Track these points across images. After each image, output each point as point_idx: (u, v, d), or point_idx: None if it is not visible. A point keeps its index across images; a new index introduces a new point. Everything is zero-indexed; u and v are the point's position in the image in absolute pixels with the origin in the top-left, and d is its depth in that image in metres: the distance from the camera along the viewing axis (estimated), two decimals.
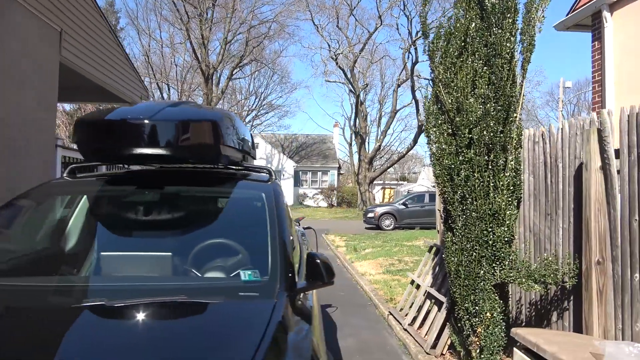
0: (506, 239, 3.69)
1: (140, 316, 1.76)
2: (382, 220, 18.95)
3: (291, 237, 2.85)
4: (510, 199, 3.73)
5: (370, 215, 19.30)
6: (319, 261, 2.28)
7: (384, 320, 5.90)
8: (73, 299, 1.85)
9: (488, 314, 3.74)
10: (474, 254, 3.72)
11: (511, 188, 3.73)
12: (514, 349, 2.89)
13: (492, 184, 3.69)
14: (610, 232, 2.91)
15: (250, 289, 2.05)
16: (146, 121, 2.55)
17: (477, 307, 3.75)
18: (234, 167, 3.31)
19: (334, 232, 17.07)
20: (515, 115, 3.79)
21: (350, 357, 4.60)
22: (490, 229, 3.68)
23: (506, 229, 3.69)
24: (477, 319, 3.77)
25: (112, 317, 1.76)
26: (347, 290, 7.68)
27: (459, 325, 4.02)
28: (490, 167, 3.71)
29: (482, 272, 3.72)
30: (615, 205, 2.85)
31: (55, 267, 2.42)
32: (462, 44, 3.77)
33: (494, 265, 3.70)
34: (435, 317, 4.76)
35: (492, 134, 3.66)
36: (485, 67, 3.71)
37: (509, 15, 3.67)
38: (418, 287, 5.48)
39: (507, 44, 3.66)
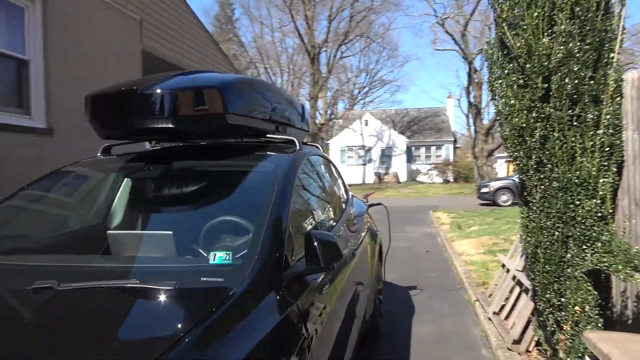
0: (599, 215, 2.91)
1: (77, 300, 1.60)
2: (498, 196, 17.41)
3: (302, 214, 2.48)
4: (605, 164, 2.92)
5: (484, 190, 17.85)
6: (316, 243, 1.91)
7: (471, 306, 5.25)
8: (34, 279, 1.73)
9: (577, 308, 3.01)
10: (557, 233, 3.00)
11: (606, 149, 2.92)
12: (586, 357, 2.22)
13: (578, 145, 2.92)
14: None
15: (216, 273, 1.76)
16: (139, 92, 2.39)
17: (562, 299, 3.04)
18: (257, 139, 3.05)
19: (444, 208, 16.15)
20: (611, 55, 2.94)
21: (422, 348, 4.13)
22: (577, 202, 2.92)
23: (599, 201, 2.90)
24: (563, 314, 3.06)
25: (52, 300, 1.61)
26: (439, 271, 7.06)
27: (541, 318, 3.32)
28: (575, 124, 2.93)
29: (568, 255, 2.99)
30: None
31: (60, 245, 2.39)
32: None
33: (583, 247, 2.95)
34: (523, 307, 4.05)
35: (577, 82, 2.87)
36: None
37: None
38: (508, 271, 4.75)
39: None
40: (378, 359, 3.91)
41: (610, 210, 2.93)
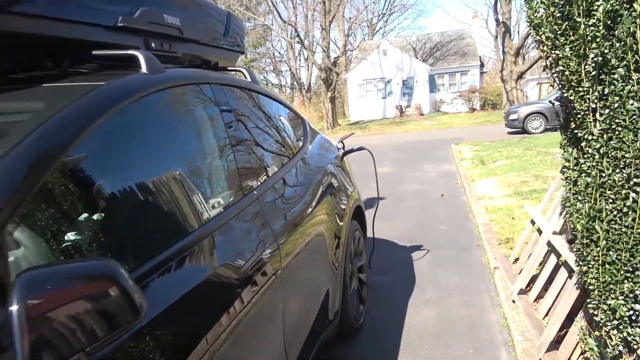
0: None
1: None
2: (529, 122, 15.58)
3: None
4: None
5: (513, 117, 15.98)
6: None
7: (490, 276, 3.98)
8: None
9: None
10: (633, 195, 1.63)
11: None
12: None
13: None
14: None
15: None
16: None
17: (639, 307, 1.73)
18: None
19: (468, 140, 14.56)
20: None
21: (413, 351, 2.93)
22: None
23: None
24: (638, 331, 1.76)
25: None
26: (453, 222, 5.74)
27: (598, 333, 2.02)
28: None
29: None
30: None
31: None
32: None
33: None
34: (562, 291, 2.75)
35: None
36: None
37: None
38: (541, 232, 3.41)
39: None
40: None
41: None
